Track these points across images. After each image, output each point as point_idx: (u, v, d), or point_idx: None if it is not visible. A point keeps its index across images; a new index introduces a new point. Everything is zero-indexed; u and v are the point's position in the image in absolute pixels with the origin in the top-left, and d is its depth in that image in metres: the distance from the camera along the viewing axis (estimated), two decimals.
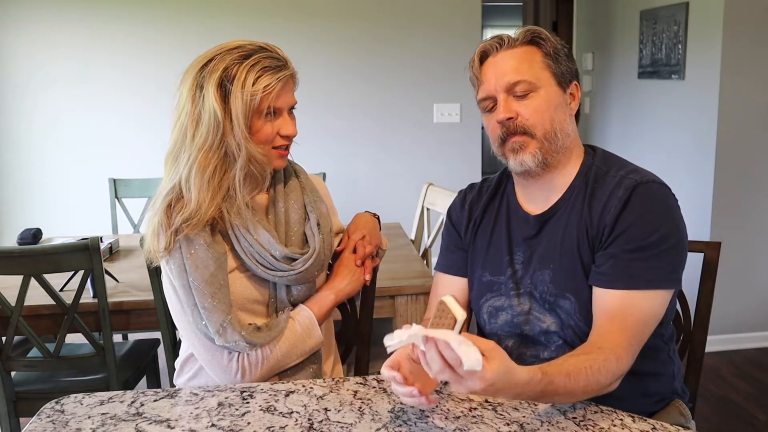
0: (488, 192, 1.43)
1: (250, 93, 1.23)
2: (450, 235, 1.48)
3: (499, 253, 1.35)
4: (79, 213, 4.06)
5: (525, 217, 1.34)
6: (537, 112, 1.25)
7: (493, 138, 1.31)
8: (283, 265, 1.33)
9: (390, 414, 1.11)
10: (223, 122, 1.24)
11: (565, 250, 1.27)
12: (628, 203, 1.21)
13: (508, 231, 1.36)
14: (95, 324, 2.02)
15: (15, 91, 3.95)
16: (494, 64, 1.28)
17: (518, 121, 1.26)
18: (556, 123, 1.27)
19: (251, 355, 1.31)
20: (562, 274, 1.26)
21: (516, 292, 1.32)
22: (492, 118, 1.29)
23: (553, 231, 1.30)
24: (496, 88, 1.27)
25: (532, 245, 1.32)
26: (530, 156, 1.26)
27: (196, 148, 1.26)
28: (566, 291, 1.26)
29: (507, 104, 1.26)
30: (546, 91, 1.26)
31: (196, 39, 3.93)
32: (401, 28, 4.15)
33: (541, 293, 1.28)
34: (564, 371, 1.06)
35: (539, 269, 1.29)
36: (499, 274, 1.35)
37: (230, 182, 1.29)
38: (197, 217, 1.26)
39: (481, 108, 1.33)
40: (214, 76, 1.24)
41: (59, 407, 1.17)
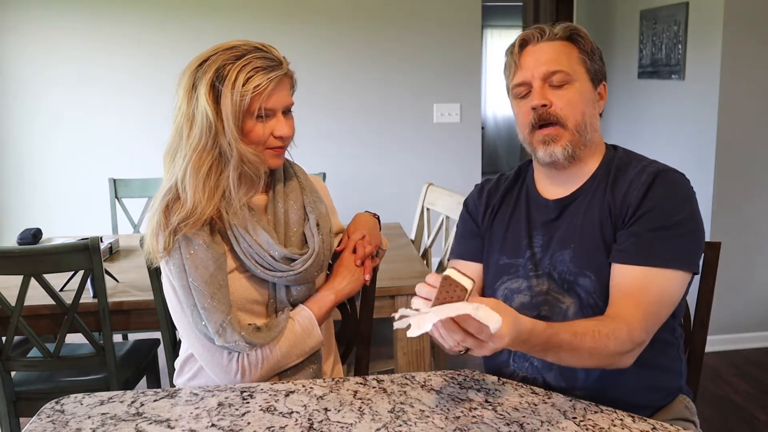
0: (507, 182, 1.46)
1: (240, 93, 1.23)
2: (465, 223, 1.50)
3: (518, 236, 1.38)
4: (79, 213, 4.06)
5: (545, 202, 1.37)
6: (571, 103, 1.29)
7: (523, 124, 1.33)
8: (283, 265, 1.33)
9: (390, 414, 1.11)
10: (215, 123, 1.24)
11: (586, 229, 1.30)
12: (651, 186, 1.25)
13: (528, 215, 1.39)
14: (95, 324, 2.02)
15: (16, 91, 3.95)
16: (533, 52, 1.32)
17: (551, 110, 1.28)
18: (587, 117, 1.30)
19: (251, 355, 1.31)
20: (583, 252, 1.29)
21: (534, 273, 1.34)
22: (525, 104, 1.32)
23: (573, 215, 1.32)
24: (534, 74, 1.30)
25: (551, 229, 1.34)
26: (561, 148, 1.28)
27: (190, 148, 1.27)
28: (587, 269, 1.27)
29: (542, 91, 1.29)
30: (580, 84, 1.30)
31: (196, 39, 3.93)
32: (401, 28, 4.15)
33: (560, 273, 1.30)
34: (570, 329, 1.10)
35: (559, 250, 1.31)
36: (517, 256, 1.37)
37: (225, 182, 1.29)
38: (194, 217, 1.26)
39: (514, 94, 1.35)
40: (207, 76, 1.25)
41: (59, 407, 1.17)
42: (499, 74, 6.11)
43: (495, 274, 1.39)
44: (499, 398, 1.16)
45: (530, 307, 1.32)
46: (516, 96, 1.35)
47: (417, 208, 3.01)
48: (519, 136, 1.38)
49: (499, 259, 1.39)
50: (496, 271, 1.39)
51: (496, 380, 1.24)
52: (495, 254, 1.41)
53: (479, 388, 1.20)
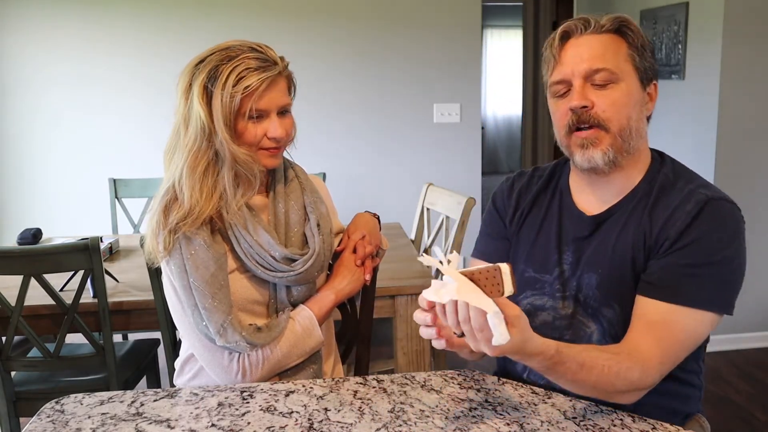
0: (540, 182, 1.35)
1: (230, 94, 1.23)
2: (493, 221, 1.40)
3: (548, 250, 1.28)
4: (79, 213, 4.06)
5: (579, 215, 1.26)
6: (615, 105, 1.16)
7: (560, 126, 1.21)
8: (283, 265, 1.33)
9: (390, 414, 1.11)
10: (207, 124, 1.25)
11: (617, 255, 1.19)
12: (696, 218, 1.13)
13: (560, 228, 1.28)
14: (95, 324, 2.02)
15: (15, 91, 3.95)
16: (576, 46, 1.18)
17: (592, 112, 1.16)
18: (632, 121, 1.18)
19: (252, 355, 1.31)
20: (610, 281, 1.19)
21: (561, 294, 1.24)
22: (563, 103, 1.20)
23: (607, 234, 1.22)
24: (574, 72, 1.17)
25: (581, 246, 1.24)
26: (601, 153, 1.17)
27: (186, 149, 1.27)
28: (611, 299, 1.18)
29: (583, 91, 1.16)
30: (627, 84, 1.17)
31: (196, 39, 3.93)
32: (401, 28, 4.15)
33: (586, 297, 1.21)
34: (579, 359, 1.03)
35: (586, 272, 1.22)
36: (544, 272, 1.27)
37: (222, 183, 1.29)
38: (192, 217, 1.27)
39: (551, 92, 1.22)
40: (201, 77, 1.25)
41: (59, 407, 1.17)
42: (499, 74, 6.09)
43: (519, 286, 1.28)
44: (499, 398, 1.16)
45: (553, 328, 1.24)
46: (554, 94, 1.22)
47: (417, 208, 3.01)
48: (555, 137, 1.25)
49: (524, 271, 1.29)
50: (521, 282, 1.29)
51: (496, 380, 1.24)
52: (520, 263, 1.31)
53: (479, 388, 1.20)
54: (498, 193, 1.42)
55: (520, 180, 1.39)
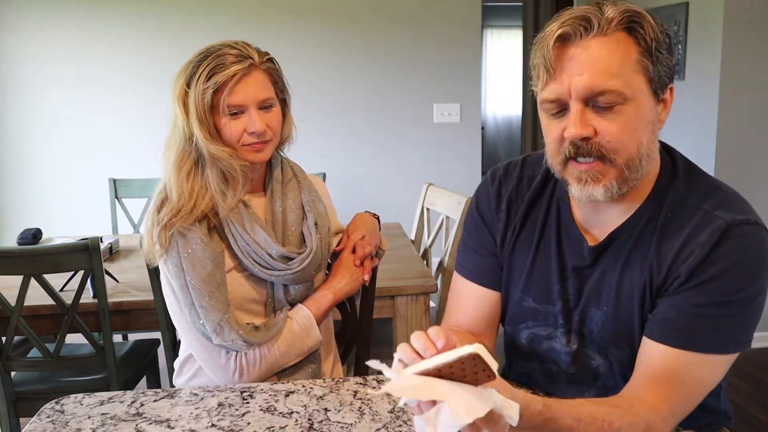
0: (532, 190, 1.15)
1: (201, 91, 1.24)
2: (480, 233, 1.20)
3: (548, 279, 1.11)
4: (79, 213, 4.06)
5: (579, 240, 1.08)
6: (623, 132, 0.95)
7: (553, 151, 1.01)
8: (280, 264, 1.33)
9: (390, 414, 1.11)
10: (185, 124, 1.27)
11: (622, 293, 1.03)
12: (712, 252, 0.96)
13: (559, 253, 1.10)
14: (95, 324, 2.02)
15: (15, 91, 3.95)
16: (575, 57, 0.94)
17: (594, 142, 0.95)
18: (643, 147, 0.97)
19: (249, 354, 1.31)
20: (616, 321, 1.04)
21: (565, 329, 1.10)
22: (557, 126, 0.99)
23: (610, 266, 1.05)
24: (572, 92, 0.95)
25: (583, 276, 1.08)
26: (603, 189, 0.98)
27: (173, 149, 1.30)
28: (619, 340, 1.05)
29: (583, 118, 0.95)
30: (637, 104, 0.95)
31: (196, 39, 3.93)
32: (401, 28, 4.15)
33: (590, 332, 1.08)
34: (574, 414, 0.88)
35: (590, 306, 1.07)
36: (546, 303, 1.12)
37: (208, 181, 1.30)
38: (183, 213, 1.28)
39: (543, 107, 1.01)
40: (182, 78, 1.28)
41: (59, 407, 1.17)
42: (499, 74, 6.07)
43: (518, 315, 1.15)
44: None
45: (558, 361, 1.12)
46: (545, 110, 1.00)
47: (417, 208, 3.01)
48: (546, 158, 1.05)
49: (522, 300, 1.14)
50: (519, 312, 1.15)
51: None
52: (516, 292, 1.15)
53: None
54: (481, 198, 1.21)
55: (507, 183, 1.18)
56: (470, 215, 1.24)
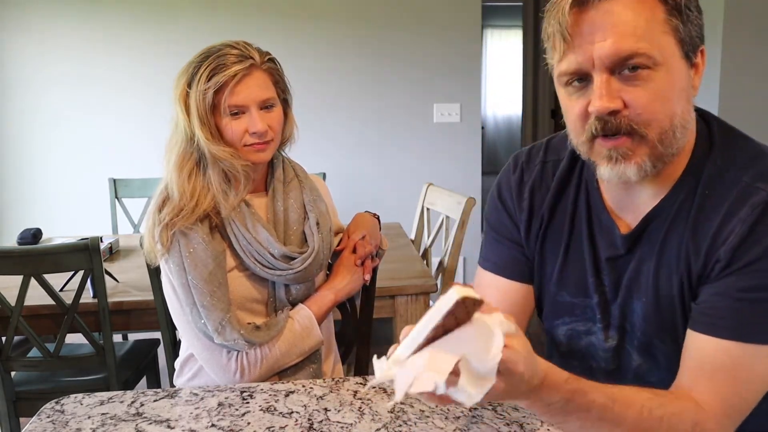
0: (558, 177, 1.05)
1: (202, 91, 1.25)
2: (502, 222, 1.10)
3: (582, 271, 1.02)
4: (79, 213, 4.06)
5: (611, 228, 0.98)
6: (654, 102, 0.85)
7: (577, 130, 0.90)
8: (282, 263, 1.33)
9: (390, 414, 1.11)
10: (186, 124, 1.27)
11: (661, 282, 0.94)
12: (753, 229, 0.86)
13: (592, 244, 1.01)
14: (95, 324, 2.02)
15: (15, 91, 3.95)
16: (596, 21, 0.83)
17: (623, 115, 0.85)
18: (677, 117, 0.87)
19: (250, 354, 1.31)
20: (658, 312, 0.95)
21: (603, 324, 1.01)
22: (579, 101, 0.88)
23: (646, 252, 0.96)
24: (595, 60, 0.84)
25: (618, 266, 0.99)
26: (635, 167, 0.87)
27: (174, 150, 1.30)
28: (663, 333, 0.95)
29: (610, 89, 0.84)
30: (668, 69, 0.85)
31: (196, 40, 3.93)
32: (401, 28, 4.15)
33: (632, 327, 0.98)
34: (607, 392, 0.79)
35: (629, 298, 0.98)
36: (584, 296, 1.03)
37: (209, 182, 1.31)
38: (184, 213, 1.28)
39: (560, 81, 0.90)
40: (183, 79, 1.28)
41: (59, 407, 1.17)
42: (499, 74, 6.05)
43: (554, 311, 1.07)
44: None
45: (598, 358, 1.04)
46: (564, 83, 0.89)
47: (417, 208, 3.01)
48: (569, 138, 0.95)
49: (557, 295, 1.05)
50: (554, 307, 1.07)
51: None
52: (550, 286, 1.06)
53: None
54: (503, 185, 1.12)
55: (530, 169, 1.08)
56: (492, 205, 1.13)
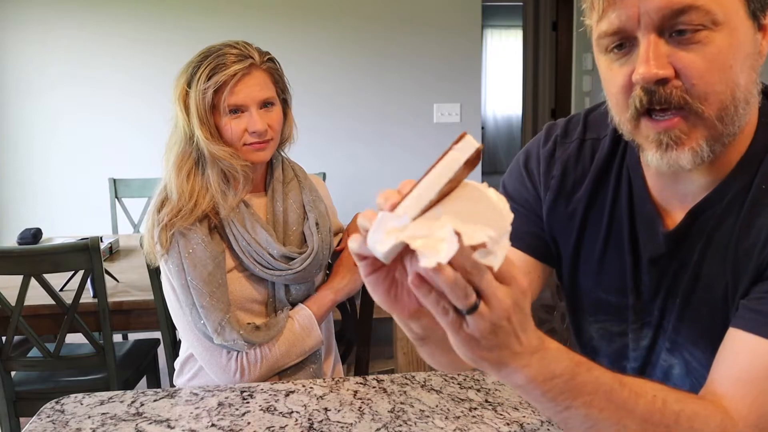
0: (599, 159, 0.91)
1: (201, 91, 1.25)
2: (523, 194, 0.97)
3: (621, 271, 0.91)
4: (79, 213, 4.06)
5: (655, 222, 0.86)
6: (713, 69, 0.70)
7: (620, 104, 0.76)
8: (281, 264, 1.33)
9: (390, 414, 1.11)
10: (185, 124, 1.28)
11: (702, 283, 0.84)
12: None
13: (633, 241, 0.89)
14: (95, 324, 2.02)
15: (16, 91, 3.95)
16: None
17: (675, 86, 0.71)
18: (739, 90, 0.72)
19: (250, 354, 1.31)
20: (695, 317, 0.85)
21: (638, 324, 0.92)
22: (621, 69, 0.75)
23: (689, 250, 0.85)
24: (642, 16, 0.70)
25: (659, 266, 0.88)
26: (690, 154, 0.74)
27: (173, 150, 1.30)
28: (699, 337, 0.85)
29: (658, 52, 0.70)
30: (730, 30, 0.70)
31: (197, 40, 3.92)
32: (401, 28, 4.15)
33: (666, 329, 0.89)
34: (615, 376, 0.69)
35: (668, 298, 0.88)
36: (620, 295, 0.93)
37: (208, 182, 1.31)
38: (183, 213, 1.29)
39: (600, 45, 0.77)
40: (183, 79, 1.29)
41: (59, 407, 1.17)
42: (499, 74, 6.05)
43: (588, 307, 0.97)
44: (499, 398, 1.16)
45: (628, 358, 0.95)
46: (604, 48, 0.76)
47: None
48: (610, 114, 0.81)
49: (592, 292, 0.95)
50: (588, 304, 0.97)
51: (496, 380, 1.24)
52: (587, 281, 0.95)
53: (479, 388, 1.20)
54: (532, 156, 0.98)
55: (565, 147, 0.94)
56: (515, 172, 0.99)
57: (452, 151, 0.55)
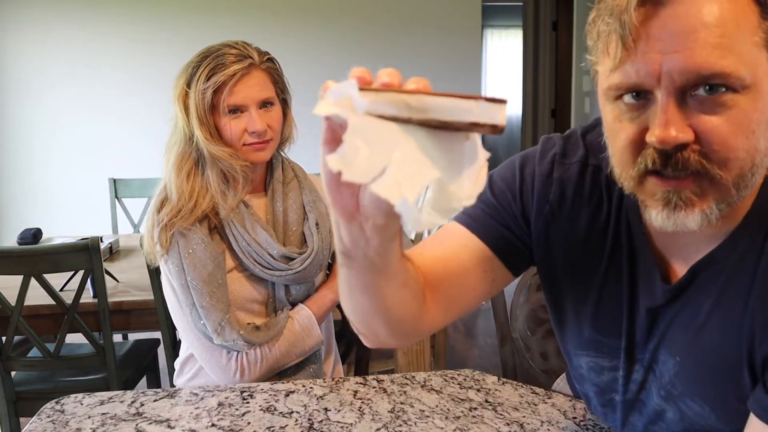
0: (598, 195, 0.85)
1: (201, 91, 1.25)
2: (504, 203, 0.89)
3: (617, 316, 0.86)
4: (79, 213, 4.06)
5: (653, 273, 0.81)
6: (736, 135, 0.64)
7: (624, 160, 0.70)
8: (281, 264, 1.33)
9: (390, 414, 1.11)
10: (185, 124, 1.28)
11: (705, 346, 0.78)
12: None
13: (631, 286, 0.84)
14: (95, 324, 2.02)
15: (16, 91, 3.95)
16: (668, 22, 0.62)
17: (694, 148, 0.65)
18: (760, 154, 0.67)
19: (250, 354, 1.31)
20: (695, 378, 0.80)
21: (629, 363, 0.88)
22: (631, 124, 0.68)
23: (690, 306, 0.79)
24: (664, 76, 0.63)
25: (656, 314, 0.83)
26: (699, 216, 0.68)
27: (173, 150, 1.30)
28: (696, 395, 0.81)
29: (679, 115, 0.64)
30: (756, 93, 0.64)
31: (197, 40, 3.93)
32: (401, 29, 4.15)
33: (661, 375, 0.84)
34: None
35: (660, 348, 0.83)
36: (612, 336, 0.88)
37: (208, 182, 1.31)
38: (183, 213, 1.29)
39: (608, 94, 0.70)
40: (182, 79, 1.29)
41: (59, 407, 1.17)
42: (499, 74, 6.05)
43: (579, 344, 0.93)
44: (499, 398, 1.16)
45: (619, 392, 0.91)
46: (612, 97, 0.69)
47: None
48: (611, 164, 0.75)
49: (583, 330, 0.90)
50: (579, 340, 0.92)
51: (496, 380, 1.24)
52: (579, 319, 0.90)
53: (479, 388, 1.20)
54: (528, 163, 0.90)
55: (564, 167, 0.87)
56: (508, 168, 0.92)
57: (477, 101, 0.48)
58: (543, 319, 1.55)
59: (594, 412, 1.00)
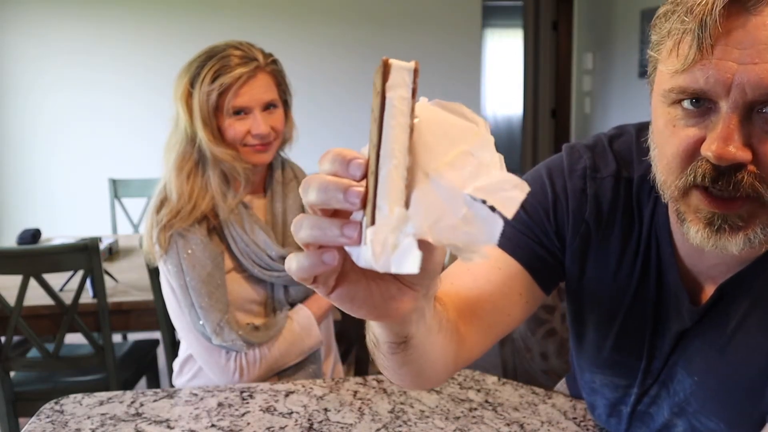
0: (629, 213, 0.83)
1: (206, 92, 1.25)
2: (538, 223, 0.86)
3: (640, 338, 0.85)
4: (79, 213, 4.06)
5: (679, 293, 0.80)
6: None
7: (672, 168, 0.67)
8: (280, 265, 1.33)
9: (390, 414, 1.11)
10: (188, 124, 1.27)
11: (727, 369, 0.76)
12: None
13: (657, 308, 0.83)
14: (95, 324, 2.02)
15: (16, 92, 3.95)
16: (752, 31, 0.59)
17: (750, 170, 0.62)
18: None
19: (249, 354, 1.31)
20: (710, 395, 0.79)
21: (644, 378, 0.87)
22: (686, 130, 0.65)
23: (714, 328, 0.78)
24: (735, 87, 0.60)
25: (680, 337, 0.82)
26: (743, 240, 0.65)
27: (174, 150, 1.30)
28: (712, 414, 0.80)
29: (742, 131, 0.61)
30: None
31: (197, 40, 3.92)
32: (402, 28, 4.15)
33: (675, 393, 0.83)
34: None
35: (676, 366, 0.82)
36: (633, 357, 0.87)
37: (208, 183, 1.31)
38: (182, 214, 1.28)
39: (666, 96, 0.66)
40: (185, 79, 1.28)
41: (59, 407, 1.17)
42: (499, 74, 6.07)
43: (594, 361, 0.91)
44: (499, 398, 1.16)
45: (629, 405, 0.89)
46: (671, 100, 0.66)
47: None
48: (653, 172, 0.72)
49: (603, 349, 0.89)
50: (596, 359, 0.90)
51: (496, 380, 1.23)
52: (601, 340, 0.89)
53: (479, 388, 1.20)
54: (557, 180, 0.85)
55: (597, 181, 0.83)
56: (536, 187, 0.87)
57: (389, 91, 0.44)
58: (543, 320, 1.55)
59: (597, 420, 1.00)
